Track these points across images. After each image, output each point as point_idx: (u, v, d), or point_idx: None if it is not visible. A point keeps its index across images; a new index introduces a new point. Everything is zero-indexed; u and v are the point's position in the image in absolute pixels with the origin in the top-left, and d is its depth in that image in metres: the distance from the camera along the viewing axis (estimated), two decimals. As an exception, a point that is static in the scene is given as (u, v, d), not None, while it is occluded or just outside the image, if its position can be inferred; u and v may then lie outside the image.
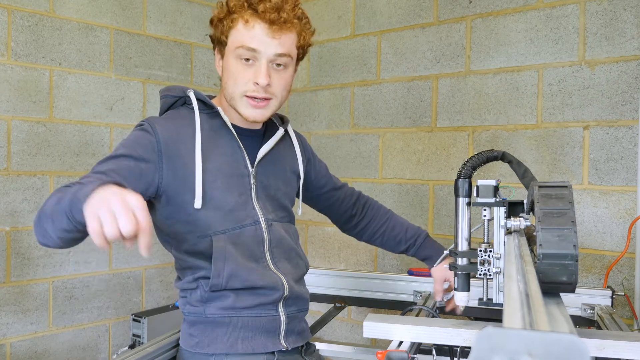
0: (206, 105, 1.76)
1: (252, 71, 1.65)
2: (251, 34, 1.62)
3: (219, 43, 1.73)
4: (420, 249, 2.13)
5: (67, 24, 3.26)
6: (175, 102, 1.79)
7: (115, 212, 1.14)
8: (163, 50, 3.72)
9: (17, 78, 3.07)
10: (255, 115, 1.70)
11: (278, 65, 1.67)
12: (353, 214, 2.16)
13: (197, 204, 1.65)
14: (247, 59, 1.65)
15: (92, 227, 1.14)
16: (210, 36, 1.77)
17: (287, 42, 1.66)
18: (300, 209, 2.01)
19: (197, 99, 1.75)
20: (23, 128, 3.10)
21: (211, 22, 1.74)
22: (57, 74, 3.22)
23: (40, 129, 3.17)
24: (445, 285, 2.06)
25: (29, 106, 3.12)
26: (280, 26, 1.63)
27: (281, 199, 1.87)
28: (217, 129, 1.75)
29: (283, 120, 1.94)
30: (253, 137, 1.82)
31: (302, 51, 1.76)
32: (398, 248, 2.16)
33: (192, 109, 1.75)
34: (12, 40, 3.05)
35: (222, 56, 1.73)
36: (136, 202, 1.16)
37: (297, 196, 2.00)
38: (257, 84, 1.65)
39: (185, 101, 1.78)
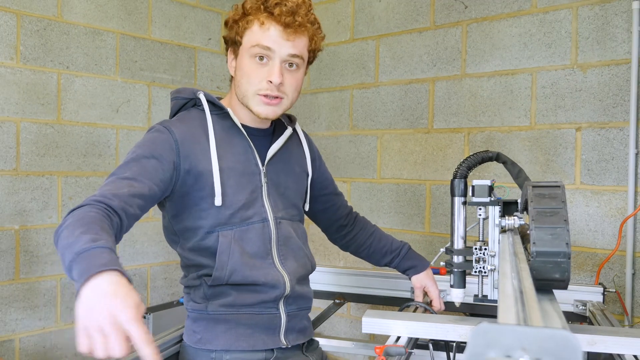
0: (216, 106, 1.78)
1: (265, 70, 1.68)
2: (266, 35, 1.65)
3: (233, 43, 1.75)
4: (404, 260, 2.16)
5: (74, 28, 3.28)
6: (185, 103, 1.81)
7: (107, 333, 1.05)
8: (167, 54, 3.73)
9: (26, 81, 3.09)
10: (267, 112, 1.72)
11: (290, 65, 1.70)
12: (344, 224, 2.16)
13: (218, 201, 1.68)
14: (261, 58, 1.67)
15: (82, 346, 1.06)
16: (224, 37, 1.78)
17: (299, 44, 1.70)
18: (308, 204, 2.00)
19: (207, 101, 1.78)
20: (32, 129, 3.12)
21: (226, 23, 1.76)
22: (64, 77, 3.24)
23: (48, 131, 3.19)
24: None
25: (38, 108, 3.14)
26: (295, 29, 1.67)
27: (291, 197, 1.88)
28: (228, 129, 1.77)
29: (291, 120, 1.96)
30: (263, 136, 1.84)
31: (313, 55, 1.80)
32: (383, 260, 2.18)
33: (203, 110, 1.77)
34: (21, 44, 3.07)
35: (236, 56, 1.75)
36: (128, 317, 1.06)
37: (306, 194, 2.00)
38: (271, 82, 1.67)
39: (195, 103, 1.80)
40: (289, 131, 1.89)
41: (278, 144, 1.85)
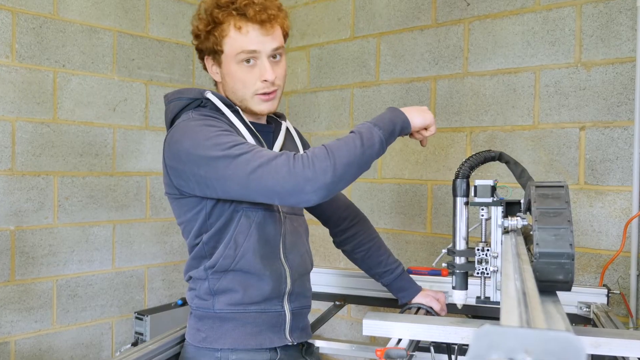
0: (224, 105, 1.77)
1: (256, 71, 1.71)
2: (248, 39, 1.68)
3: (212, 53, 1.76)
4: (398, 279, 2.13)
5: (70, 26, 3.28)
6: (188, 104, 1.78)
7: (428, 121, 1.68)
8: (165, 52, 3.74)
9: (22, 79, 3.09)
10: (267, 107, 1.77)
11: (274, 57, 1.74)
12: (344, 217, 2.15)
13: None
14: (248, 60, 1.70)
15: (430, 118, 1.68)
16: (197, 47, 1.80)
17: (277, 35, 1.74)
18: None
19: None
20: (27, 129, 3.12)
21: (197, 35, 1.77)
22: (60, 75, 3.25)
23: (44, 130, 3.19)
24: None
25: (33, 107, 3.14)
26: (271, 23, 1.70)
27: None
28: (238, 125, 1.78)
29: (279, 116, 2.00)
30: (267, 132, 1.86)
31: (286, 36, 1.83)
32: (376, 269, 2.16)
33: (212, 109, 1.76)
34: (17, 42, 3.07)
35: (219, 64, 1.77)
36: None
37: None
38: (266, 80, 1.71)
39: (200, 103, 1.78)
40: (285, 126, 1.94)
41: (281, 139, 1.89)
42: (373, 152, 1.55)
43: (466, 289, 1.73)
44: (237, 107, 1.77)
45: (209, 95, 1.75)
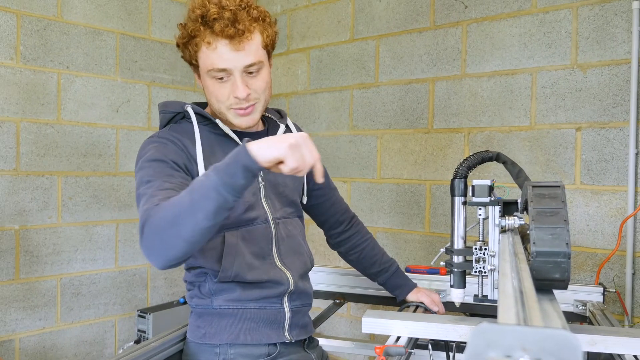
0: (205, 118, 1.77)
1: (228, 86, 1.67)
2: (216, 55, 1.62)
3: (191, 64, 1.74)
4: (393, 277, 2.16)
5: (74, 28, 3.29)
6: (174, 116, 1.79)
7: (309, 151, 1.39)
8: (168, 54, 3.75)
9: (26, 81, 3.10)
10: (246, 122, 1.73)
11: (250, 73, 1.67)
12: (341, 221, 2.16)
13: None
14: (221, 77, 1.66)
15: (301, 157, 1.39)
16: (182, 58, 1.76)
17: (251, 49, 1.65)
18: (305, 197, 2.01)
19: (195, 113, 1.76)
20: (32, 129, 3.13)
21: (177, 45, 1.74)
22: (64, 77, 3.26)
23: (48, 131, 3.20)
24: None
25: (38, 108, 3.15)
26: (240, 39, 1.62)
27: (290, 195, 1.89)
28: (220, 137, 1.77)
29: (281, 115, 1.95)
30: (257, 137, 1.77)
31: (272, 46, 1.76)
32: (371, 268, 2.18)
33: (192, 122, 1.75)
34: (21, 44, 3.08)
35: (199, 75, 1.74)
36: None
37: (304, 188, 2.00)
38: (237, 97, 1.66)
39: (184, 115, 1.79)
40: (282, 129, 1.89)
41: None
42: (209, 202, 1.34)
43: (464, 287, 1.75)
44: (217, 121, 1.76)
45: (188, 109, 1.76)
